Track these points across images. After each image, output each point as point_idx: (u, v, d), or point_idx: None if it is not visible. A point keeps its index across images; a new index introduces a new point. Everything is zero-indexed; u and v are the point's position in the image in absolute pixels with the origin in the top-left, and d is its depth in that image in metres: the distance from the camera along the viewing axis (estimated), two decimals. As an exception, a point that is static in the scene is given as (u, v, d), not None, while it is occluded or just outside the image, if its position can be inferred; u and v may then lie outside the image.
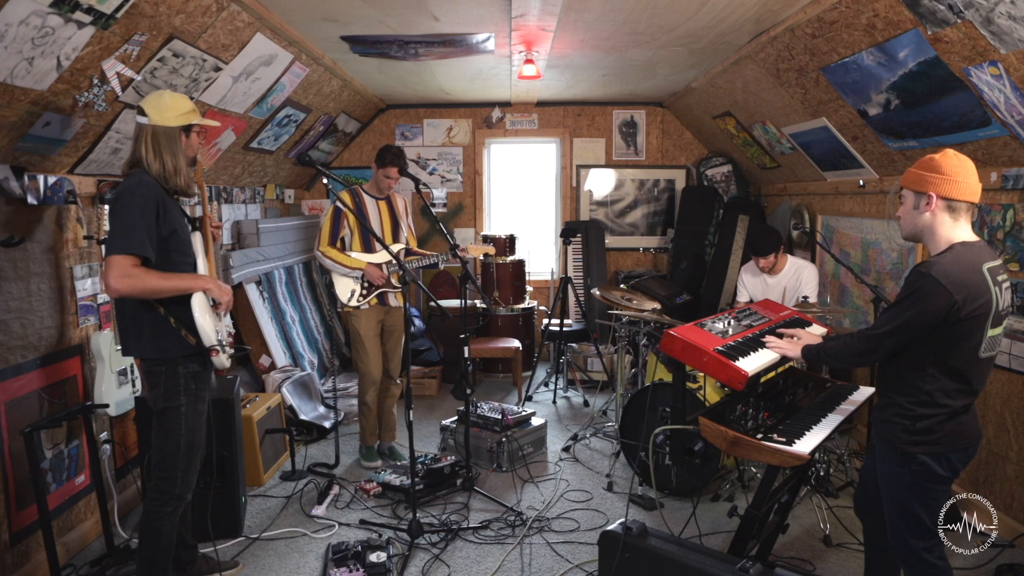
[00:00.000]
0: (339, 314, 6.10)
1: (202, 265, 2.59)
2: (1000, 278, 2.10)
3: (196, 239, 2.61)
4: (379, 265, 3.93)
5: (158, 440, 2.50)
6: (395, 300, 4.06)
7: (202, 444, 2.60)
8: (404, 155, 4.00)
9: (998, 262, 2.12)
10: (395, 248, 4.01)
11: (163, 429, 2.49)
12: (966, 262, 2.04)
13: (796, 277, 4.15)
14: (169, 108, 2.44)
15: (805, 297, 4.15)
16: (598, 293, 4.51)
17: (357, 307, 3.96)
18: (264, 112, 4.25)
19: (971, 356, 2.06)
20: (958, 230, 2.10)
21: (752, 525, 2.38)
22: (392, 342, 4.14)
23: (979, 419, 2.24)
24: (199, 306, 2.43)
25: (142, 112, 2.43)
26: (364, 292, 3.95)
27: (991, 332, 2.07)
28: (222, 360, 2.52)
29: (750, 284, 4.34)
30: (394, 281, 3.99)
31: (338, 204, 3.92)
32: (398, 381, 4.22)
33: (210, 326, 2.45)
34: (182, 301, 2.42)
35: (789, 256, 4.24)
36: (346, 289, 3.95)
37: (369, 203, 4.02)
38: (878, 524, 2.43)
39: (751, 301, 4.31)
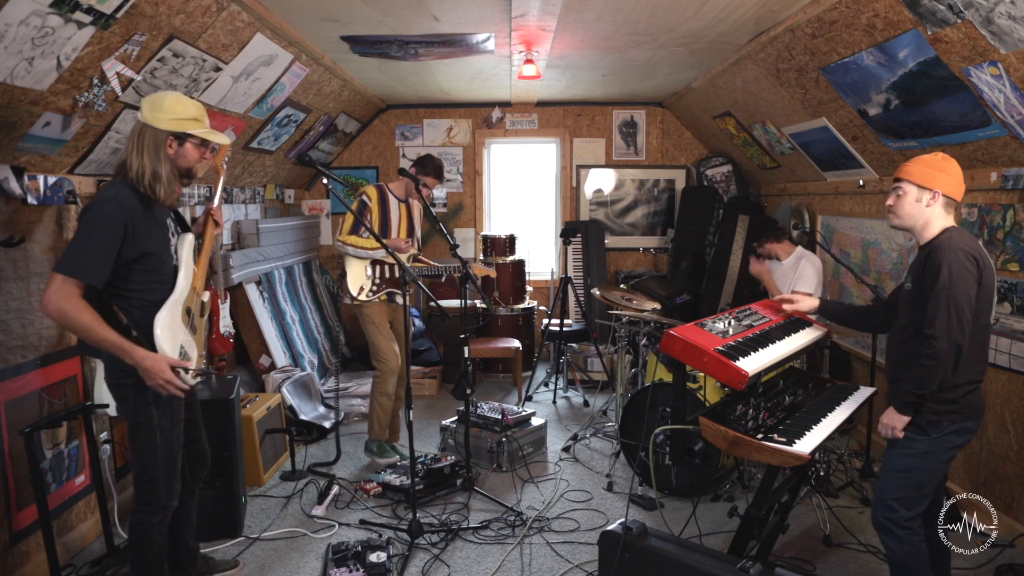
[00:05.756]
0: (338, 312, 6.14)
1: (184, 274, 2.44)
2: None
3: (185, 242, 2.49)
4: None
5: (135, 454, 2.39)
6: (400, 299, 4.08)
7: (180, 448, 2.49)
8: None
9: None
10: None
11: (139, 443, 2.38)
12: (969, 237, 2.32)
13: (795, 267, 4.16)
14: (164, 110, 2.29)
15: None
16: (598, 293, 4.52)
17: (367, 300, 3.99)
18: (264, 112, 4.25)
19: (986, 322, 2.31)
20: (947, 221, 2.39)
21: (752, 525, 2.38)
22: (398, 340, 4.15)
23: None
24: (163, 326, 2.29)
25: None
26: (374, 288, 4.00)
27: (994, 299, 2.36)
28: (186, 380, 2.34)
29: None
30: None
31: (364, 198, 3.99)
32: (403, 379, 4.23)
33: (172, 348, 2.31)
34: (147, 316, 2.29)
35: (798, 247, 4.26)
36: (356, 284, 3.99)
37: (392, 203, 4.09)
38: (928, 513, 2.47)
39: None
